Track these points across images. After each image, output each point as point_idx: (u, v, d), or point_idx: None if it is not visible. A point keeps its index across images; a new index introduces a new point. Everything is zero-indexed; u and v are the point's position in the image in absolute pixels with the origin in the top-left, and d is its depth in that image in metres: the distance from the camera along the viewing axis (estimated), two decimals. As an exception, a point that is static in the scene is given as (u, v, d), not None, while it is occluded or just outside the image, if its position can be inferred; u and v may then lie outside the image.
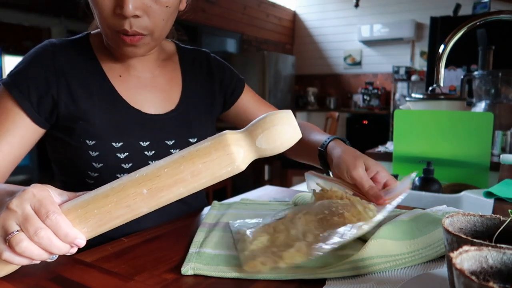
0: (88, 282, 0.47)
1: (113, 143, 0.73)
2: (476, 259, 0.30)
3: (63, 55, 0.74)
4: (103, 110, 0.74)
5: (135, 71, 0.79)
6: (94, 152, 0.72)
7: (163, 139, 0.78)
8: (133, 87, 0.78)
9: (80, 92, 0.73)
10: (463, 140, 1.19)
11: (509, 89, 1.68)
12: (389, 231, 0.54)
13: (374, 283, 0.46)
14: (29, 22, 3.52)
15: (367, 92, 5.82)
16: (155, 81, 0.81)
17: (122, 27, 0.66)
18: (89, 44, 0.78)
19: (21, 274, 0.50)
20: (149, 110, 0.78)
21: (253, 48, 5.84)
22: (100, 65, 0.77)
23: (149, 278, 0.49)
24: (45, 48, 0.74)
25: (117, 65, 0.78)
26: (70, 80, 0.73)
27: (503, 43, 2.71)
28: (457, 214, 0.39)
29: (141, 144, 0.75)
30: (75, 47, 0.77)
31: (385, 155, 1.47)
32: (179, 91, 0.84)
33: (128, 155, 0.74)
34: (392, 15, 5.67)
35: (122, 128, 0.74)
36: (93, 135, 0.72)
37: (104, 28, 0.69)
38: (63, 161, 0.77)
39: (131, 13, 0.64)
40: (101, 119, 0.73)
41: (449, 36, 1.35)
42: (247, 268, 0.49)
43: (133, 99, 0.77)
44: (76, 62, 0.75)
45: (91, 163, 0.72)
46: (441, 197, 0.98)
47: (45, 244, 0.45)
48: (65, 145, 0.74)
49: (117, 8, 0.65)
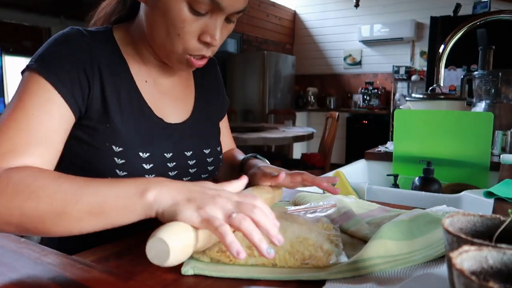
0: (88, 282, 0.47)
1: (141, 153, 0.69)
2: (476, 259, 0.30)
3: (97, 47, 0.69)
4: (130, 116, 0.70)
5: (158, 78, 0.77)
6: (120, 159, 0.68)
7: (182, 151, 0.76)
8: (156, 94, 0.76)
9: (110, 91, 0.69)
10: (463, 140, 1.19)
11: (509, 89, 1.68)
12: (389, 231, 0.54)
13: (374, 283, 0.46)
14: (29, 22, 3.52)
15: (367, 92, 5.81)
16: (174, 89, 0.80)
17: (201, 53, 0.66)
18: (115, 42, 0.74)
19: (21, 274, 0.50)
20: (169, 119, 0.76)
21: (253, 48, 5.84)
22: (128, 67, 0.73)
23: (149, 278, 0.49)
24: (79, 35, 0.68)
25: (144, 70, 0.75)
26: (104, 76, 0.68)
27: (503, 43, 2.71)
28: (457, 214, 0.39)
29: (165, 156, 0.73)
30: (103, 42, 0.71)
31: (385, 155, 1.47)
32: (192, 99, 0.83)
33: (153, 166, 0.71)
34: (392, 15, 5.66)
35: (149, 138, 0.71)
36: (120, 141, 0.68)
37: (174, 48, 0.66)
38: (80, 164, 0.69)
39: (219, 43, 0.65)
40: (128, 125, 0.69)
41: (449, 36, 1.35)
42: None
43: (156, 107, 0.74)
44: (108, 58, 0.70)
45: (115, 170, 0.67)
46: (441, 197, 0.98)
47: (263, 221, 0.48)
48: (87, 147, 0.68)
49: (204, 35, 0.64)
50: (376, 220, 0.68)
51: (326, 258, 0.50)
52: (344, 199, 0.79)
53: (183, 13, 0.62)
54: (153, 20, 0.66)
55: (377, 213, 0.73)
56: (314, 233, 0.57)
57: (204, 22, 0.64)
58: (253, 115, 5.27)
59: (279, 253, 0.51)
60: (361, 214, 0.73)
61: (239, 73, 5.36)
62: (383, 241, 0.52)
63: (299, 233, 0.56)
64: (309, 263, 0.50)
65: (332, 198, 0.79)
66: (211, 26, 0.65)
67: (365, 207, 0.77)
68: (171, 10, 0.63)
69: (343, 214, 0.70)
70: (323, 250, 0.52)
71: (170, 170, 0.74)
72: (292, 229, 0.58)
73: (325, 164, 3.25)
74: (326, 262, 0.50)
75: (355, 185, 1.08)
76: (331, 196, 0.80)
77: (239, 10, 0.65)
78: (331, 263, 0.49)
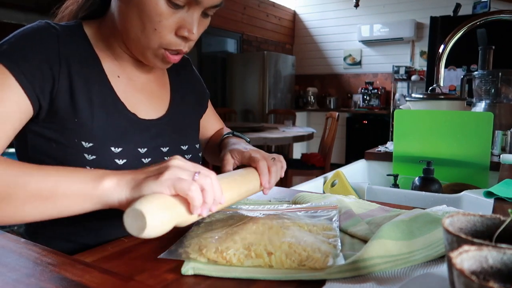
0: (88, 282, 0.47)
1: (112, 147, 0.68)
2: (476, 259, 0.30)
3: (66, 41, 0.67)
4: (101, 110, 0.68)
5: (132, 73, 0.76)
6: (90, 155, 0.66)
7: (158, 146, 0.75)
8: (129, 90, 0.74)
9: (80, 87, 0.67)
10: (463, 140, 1.19)
11: (509, 89, 1.68)
12: (389, 231, 0.54)
13: (374, 283, 0.46)
14: (29, 22, 3.51)
15: (367, 92, 5.81)
16: (149, 85, 0.78)
17: (178, 48, 0.65)
18: (86, 36, 0.72)
19: (21, 274, 0.50)
20: (142, 115, 0.74)
21: (253, 48, 5.84)
22: (99, 62, 0.71)
23: (149, 278, 0.49)
24: (48, 28, 0.66)
25: (116, 65, 0.74)
26: (73, 71, 0.66)
27: (503, 43, 2.71)
28: (457, 214, 0.39)
29: (139, 151, 0.72)
30: (74, 36, 0.70)
31: (385, 155, 1.47)
32: (168, 96, 0.82)
33: (127, 161, 0.69)
34: (392, 15, 5.66)
35: (121, 132, 0.70)
36: (90, 136, 0.66)
37: (150, 43, 0.65)
38: (47, 162, 0.66)
39: (196, 37, 0.64)
40: (99, 120, 0.67)
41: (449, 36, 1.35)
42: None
43: (130, 102, 0.73)
44: (78, 52, 0.68)
45: (85, 167, 0.65)
46: (441, 197, 0.98)
47: (213, 189, 0.51)
48: (53, 144, 0.66)
49: (181, 30, 0.64)
50: (376, 220, 0.68)
51: (323, 259, 0.50)
52: (344, 199, 0.79)
53: (160, 7, 0.62)
54: (127, 15, 0.65)
55: (377, 213, 0.73)
56: (313, 234, 0.57)
57: (181, 16, 0.64)
58: (253, 115, 5.27)
59: (275, 254, 0.51)
60: (361, 214, 0.73)
61: (239, 73, 5.35)
62: (383, 241, 0.52)
63: (297, 233, 0.56)
64: (306, 264, 0.50)
65: (332, 198, 0.79)
66: (189, 20, 0.64)
67: (365, 207, 0.77)
68: (147, 3, 0.62)
69: (343, 214, 0.70)
70: (321, 251, 0.51)
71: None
72: (291, 229, 0.58)
73: (325, 164, 3.25)
74: (324, 264, 0.49)
75: (355, 185, 1.08)
76: (331, 196, 0.80)
77: (216, 4, 0.65)
78: (328, 265, 0.49)
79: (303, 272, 0.49)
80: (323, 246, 0.53)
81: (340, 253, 0.52)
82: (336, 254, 0.52)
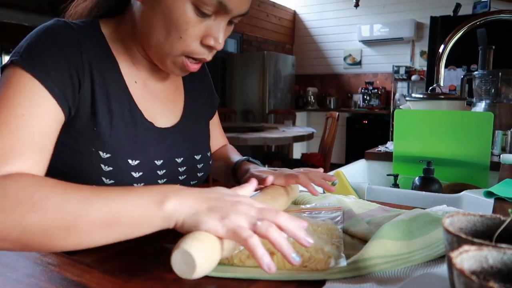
0: (88, 282, 0.47)
1: (130, 160, 0.65)
2: (476, 259, 0.30)
3: (86, 43, 0.63)
4: (120, 120, 0.65)
5: (147, 78, 0.73)
6: (108, 166, 0.63)
7: (173, 157, 0.72)
8: (145, 96, 0.71)
9: (100, 93, 0.64)
10: (463, 140, 1.19)
11: (509, 89, 1.68)
12: (389, 231, 0.54)
13: (374, 283, 0.46)
14: (29, 22, 3.52)
15: (367, 92, 5.81)
16: (164, 91, 0.76)
17: (201, 56, 0.64)
18: (104, 37, 0.68)
19: (21, 274, 0.50)
20: (159, 123, 0.71)
21: (253, 48, 5.84)
22: (117, 65, 0.68)
23: (149, 278, 0.49)
24: (67, 28, 0.62)
25: (133, 70, 0.70)
26: (94, 73, 0.63)
27: (503, 43, 2.71)
28: (457, 214, 0.39)
29: (156, 163, 0.69)
30: (92, 37, 0.65)
31: (385, 155, 1.47)
32: (182, 101, 0.79)
33: (143, 174, 0.66)
34: (392, 15, 5.66)
35: (139, 144, 0.67)
36: (107, 146, 0.63)
37: (172, 50, 0.63)
38: (65, 171, 0.63)
39: (221, 46, 0.63)
40: (117, 129, 0.64)
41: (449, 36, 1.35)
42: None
43: (146, 110, 0.70)
44: (97, 54, 0.65)
45: (101, 178, 0.63)
46: (441, 197, 0.98)
47: (289, 226, 0.46)
48: (72, 152, 0.63)
49: (207, 38, 0.62)
50: (376, 220, 0.68)
51: (325, 261, 0.49)
52: (344, 199, 0.79)
53: (188, 15, 0.59)
54: (151, 20, 0.62)
55: (377, 213, 0.73)
56: (316, 235, 0.57)
57: (208, 25, 0.62)
58: (253, 115, 5.27)
59: (277, 255, 0.51)
60: (361, 214, 0.73)
61: (239, 73, 5.35)
62: (383, 241, 0.52)
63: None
64: (308, 265, 0.50)
65: (332, 197, 0.79)
66: (215, 29, 0.62)
67: (365, 207, 0.77)
68: (175, 11, 0.59)
69: (343, 214, 0.70)
70: (323, 252, 0.51)
71: (160, 178, 0.70)
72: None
73: (325, 164, 3.25)
74: (326, 266, 0.49)
75: (355, 185, 1.07)
76: (332, 196, 0.80)
77: (243, 13, 0.64)
78: (330, 266, 0.49)
79: (303, 273, 0.49)
80: (326, 247, 0.53)
81: (342, 255, 0.52)
82: (339, 256, 0.51)
